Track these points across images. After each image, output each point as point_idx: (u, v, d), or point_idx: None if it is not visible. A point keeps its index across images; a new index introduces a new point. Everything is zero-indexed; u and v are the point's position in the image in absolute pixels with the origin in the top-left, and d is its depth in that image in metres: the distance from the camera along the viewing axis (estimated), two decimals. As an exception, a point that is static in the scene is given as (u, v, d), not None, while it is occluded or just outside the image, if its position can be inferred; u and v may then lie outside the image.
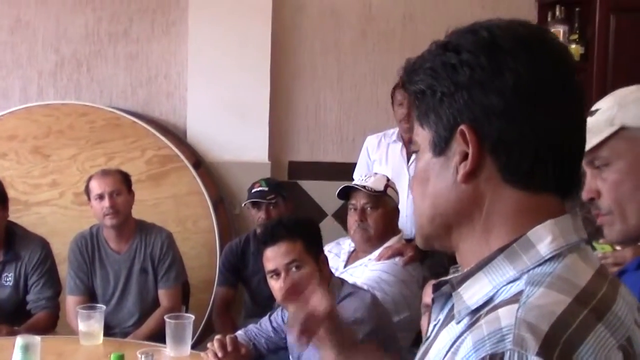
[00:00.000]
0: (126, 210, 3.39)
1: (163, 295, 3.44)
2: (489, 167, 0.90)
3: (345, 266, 3.12)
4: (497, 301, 0.86)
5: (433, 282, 0.98)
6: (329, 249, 3.05)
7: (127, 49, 4.43)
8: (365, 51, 4.42)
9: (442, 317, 0.96)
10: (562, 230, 0.90)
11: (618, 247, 2.11)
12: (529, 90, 0.88)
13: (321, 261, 2.54)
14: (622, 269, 1.54)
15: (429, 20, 4.36)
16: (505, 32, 0.91)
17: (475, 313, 0.87)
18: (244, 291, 3.79)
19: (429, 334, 0.98)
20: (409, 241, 3.22)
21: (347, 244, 3.22)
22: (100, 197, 3.33)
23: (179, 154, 4.14)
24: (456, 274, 0.94)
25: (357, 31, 4.43)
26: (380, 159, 3.69)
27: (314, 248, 2.53)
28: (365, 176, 3.19)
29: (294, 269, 2.47)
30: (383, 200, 3.08)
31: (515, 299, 0.84)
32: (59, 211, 4.16)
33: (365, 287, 2.72)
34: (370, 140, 3.79)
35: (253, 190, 3.63)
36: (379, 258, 3.04)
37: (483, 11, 4.24)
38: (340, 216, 4.11)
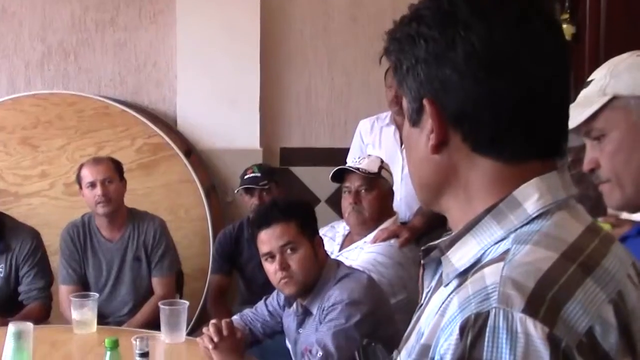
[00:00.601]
0: (118, 198, 3.36)
1: (157, 283, 3.41)
2: (454, 139, 0.89)
3: (340, 249, 3.09)
4: (484, 261, 0.85)
5: (423, 248, 0.97)
6: (323, 233, 3.01)
7: (114, 37, 4.38)
8: (356, 35, 4.38)
9: (434, 283, 0.95)
10: (550, 187, 0.88)
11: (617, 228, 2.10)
12: (484, 61, 0.86)
13: (316, 243, 2.53)
14: (623, 236, 1.53)
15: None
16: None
17: (464, 275, 0.86)
18: (238, 279, 3.76)
19: (421, 301, 0.97)
20: (405, 224, 3.20)
21: (341, 227, 3.19)
22: (92, 185, 3.30)
23: (170, 142, 4.10)
24: (444, 238, 0.93)
25: (347, 15, 4.39)
26: (374, 143, 3.65)
27: (308, 229, 2.51)
28: (359, 158, 3.15)
29: (289, 250, 2.45)
30: (377, 182, 3.05)
31: (501, 257, 0.83)
32: (50, 202, 4.11)
33: (361, 269, 2.70)
34: (363, 124, 3.76)
35: (245, 177, 3.60)
36: (374, 240, 3.01)
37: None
38: (334, 202, 4.09)
